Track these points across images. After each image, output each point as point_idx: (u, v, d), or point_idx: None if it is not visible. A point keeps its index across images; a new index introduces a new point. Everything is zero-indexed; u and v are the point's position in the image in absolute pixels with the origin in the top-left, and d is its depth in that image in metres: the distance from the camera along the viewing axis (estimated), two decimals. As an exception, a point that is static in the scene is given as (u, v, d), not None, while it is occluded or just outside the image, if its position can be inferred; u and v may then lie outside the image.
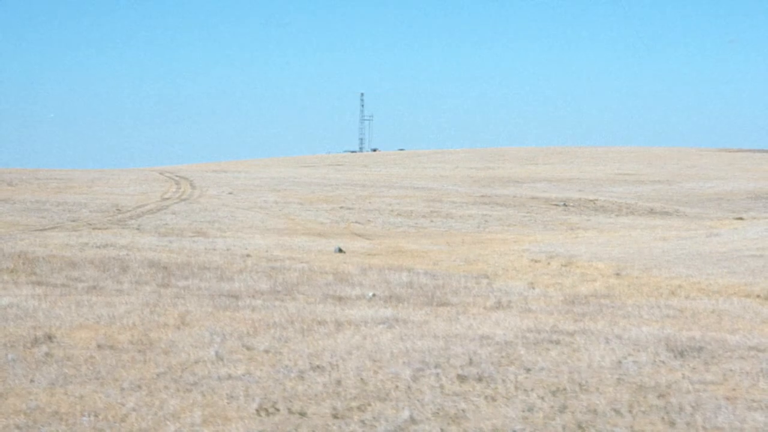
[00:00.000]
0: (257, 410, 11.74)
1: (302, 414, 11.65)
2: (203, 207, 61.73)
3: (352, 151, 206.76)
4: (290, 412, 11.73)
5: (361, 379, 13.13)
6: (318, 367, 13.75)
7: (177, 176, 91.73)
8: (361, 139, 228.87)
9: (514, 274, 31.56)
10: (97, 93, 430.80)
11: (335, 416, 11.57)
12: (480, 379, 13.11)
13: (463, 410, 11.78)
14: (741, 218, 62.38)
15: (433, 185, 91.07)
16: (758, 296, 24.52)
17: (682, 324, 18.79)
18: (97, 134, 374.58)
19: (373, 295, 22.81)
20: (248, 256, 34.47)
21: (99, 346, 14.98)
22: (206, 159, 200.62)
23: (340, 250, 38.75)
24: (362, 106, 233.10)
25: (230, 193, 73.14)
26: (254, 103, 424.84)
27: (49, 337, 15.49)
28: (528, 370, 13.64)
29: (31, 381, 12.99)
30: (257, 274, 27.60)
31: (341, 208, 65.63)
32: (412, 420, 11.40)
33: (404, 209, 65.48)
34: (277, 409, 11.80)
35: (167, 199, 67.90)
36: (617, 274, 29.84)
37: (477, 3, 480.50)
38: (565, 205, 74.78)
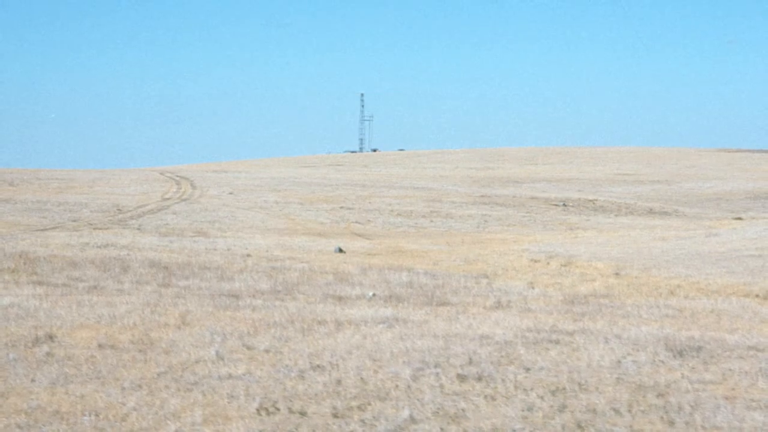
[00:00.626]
0: (258, 410, 11.78)
1: (302, 413, 11.69)
2: (204, 207, 61.76)
3: (352, 152, 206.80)
4: (290, 411, 11.77)
5: (361, 378, 13.17)
6: (318, 366, 13.79)
7: (177, 176, 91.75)
8: (361, 140, 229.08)
9: (514, 274, 31.60)
10: (98, 93, 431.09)
11: (335, 416, 11.61)
12: (480, 379, 13.15)
13: (463, 410, 11.82)
14: (740, 218, 62.40)
15: (433, 185, 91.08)
16: (757, 296, 24.56)
17: (681, 324, 18.83)
18: (98, 134, 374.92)
19: (373, 294, 22.84)
20: (249, 256, 34.50)
21: (100, 346, 15.01)
22: (206, 159, 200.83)
23: (340, 250, 38.78)
24: (362, 106, 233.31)
25: (231, 193, 73.16)
26: (254, 103, 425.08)
27: (50, 337, 15.52)
28: (527, 370, 13.68)
29: (32, 380, 13.02)
30: (257, 273, 27.63)
31: (341, 208, 65.65)
32: (412, 419, 11.44)
33: (404, 209, 65.51)
34: (278, 409, 11.83)
35: (168, 199, 67.93)
36: (616, 274, 29.87)
37: (477, 3, 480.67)
38: (564, 205, 74.80)
